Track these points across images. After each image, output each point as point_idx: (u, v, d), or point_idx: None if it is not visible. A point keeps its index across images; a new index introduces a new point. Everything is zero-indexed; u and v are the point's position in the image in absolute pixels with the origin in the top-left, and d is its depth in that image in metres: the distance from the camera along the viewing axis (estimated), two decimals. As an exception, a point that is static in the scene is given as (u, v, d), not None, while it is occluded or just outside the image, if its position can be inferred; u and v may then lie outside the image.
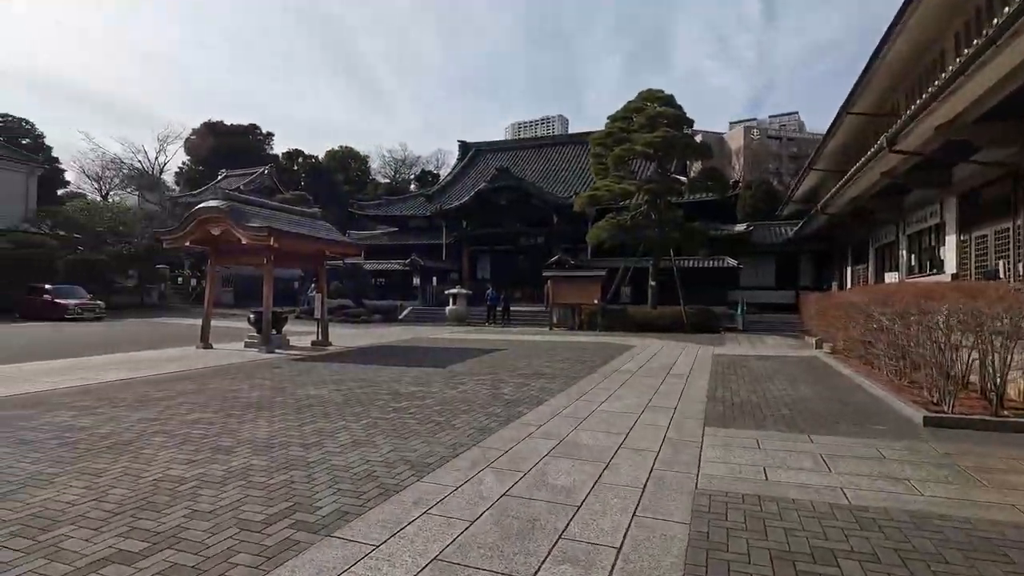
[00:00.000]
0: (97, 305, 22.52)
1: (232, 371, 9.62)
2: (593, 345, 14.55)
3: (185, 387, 7.95)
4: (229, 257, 13.50)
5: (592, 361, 11.13)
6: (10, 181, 30.48)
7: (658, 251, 21.85)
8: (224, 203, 12.23)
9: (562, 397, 7.25)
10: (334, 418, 6.01)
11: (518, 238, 31.37)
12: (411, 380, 8.60)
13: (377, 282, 32.11)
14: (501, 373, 9.43)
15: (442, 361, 11.07)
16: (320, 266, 14.55)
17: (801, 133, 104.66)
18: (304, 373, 9.39)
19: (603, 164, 21.60)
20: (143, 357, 11.29)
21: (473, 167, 40.95)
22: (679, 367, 10.25)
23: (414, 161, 74.94)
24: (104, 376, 8.82)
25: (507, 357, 11.81)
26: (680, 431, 5.47)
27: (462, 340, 16.13)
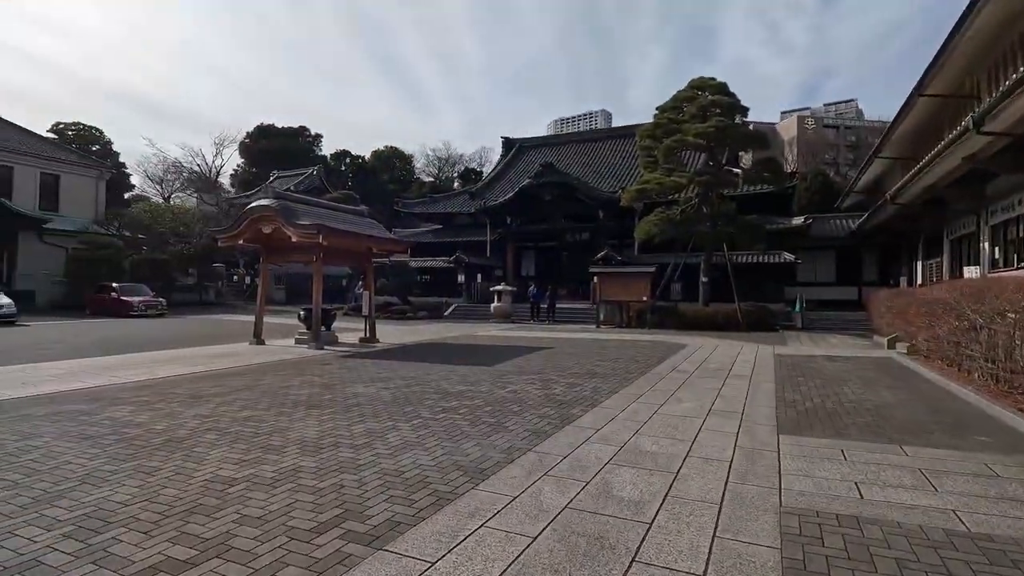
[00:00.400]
0: (159, 302, 23.55)
1: (283, 368, 9.70)
2: (644, 344, 14.04)
3: (238, 383, 8.02)
4: (280, 255, 13.72)
5: (645, 360, 10.68)
6: (82, 185, 32.34)
7: (710, 246, 21.01)
8: (275, 202, 12.41)
9: (617, 398, 6.88)
10: (383, 418, 5.86)
11: (563, 234, 30.94)
12: (459, 379, 8.42)
13: (422, 279, 32.37)
14: (550, 372, 9.13)
15: (489, 359, 10.86)
16: (367, 263, 14.63)
17: (860, 121, 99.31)
18: (352, 370, 9.36)
19: (652, 157, 20.93)
20: (199, 353, 11.58)
21: (517, 163, 40.72)
22: (739, 368, 9.67)
23: (457, 159, 75.39)
24: (162, 372, 9.04)
25: (555, 355, 11.50)
26: (752, 438, 5.03)
27: (508, 338, 15.91)
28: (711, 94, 20.01)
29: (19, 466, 4.18)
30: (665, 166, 20.05)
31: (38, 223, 27.64)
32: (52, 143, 33.34)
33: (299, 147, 56.64)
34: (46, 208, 30.19)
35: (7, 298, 18.32)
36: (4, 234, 27.01)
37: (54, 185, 31.36)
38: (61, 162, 31.72)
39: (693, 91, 20.51)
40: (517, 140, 42.91)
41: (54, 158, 31.45)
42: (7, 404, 6.43)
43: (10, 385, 7.58)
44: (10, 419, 5.69)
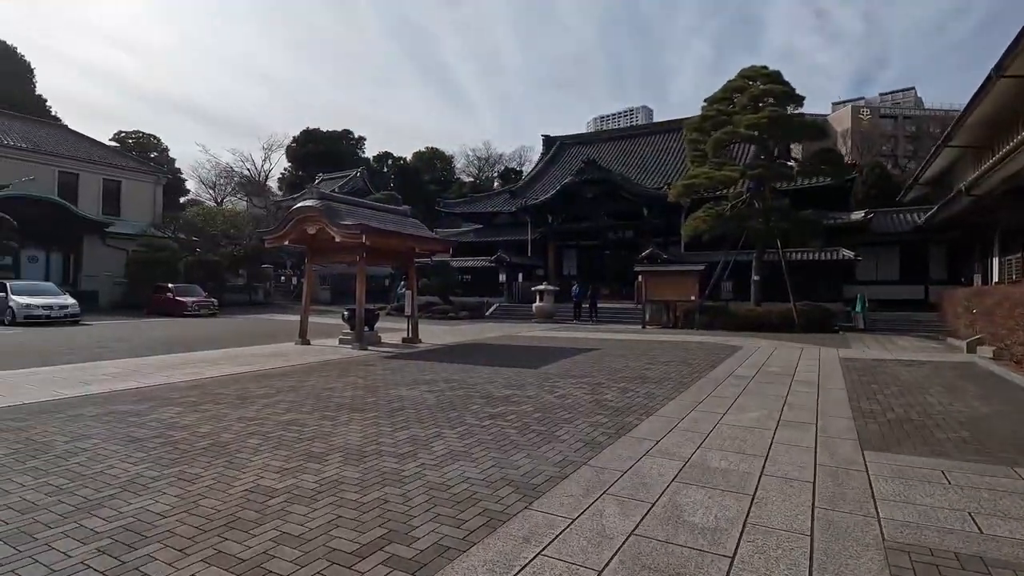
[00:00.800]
0: (212, 302, 24.32)
1: (327, 368, 9.65)
2: (695, 346, 13.42)
3: (283, 384, 7.97)
4: (325, 256, 13.79)
5: (698, 364, 10.12)
6: (141, 190, 33.87)
7: (762, 243, 20.04)
8: (319, 203, 12.45)
9: (674, 406, 6.43)
10: (427, 423, 5.62)
11: (605, 232, 30.31)
12: (504, 382, 8.12)
13: (463, 279, 32.33)
14: (599, 376, 8.72)
15: (534, 361, 10.53)
16: (410, 263, 14.55)
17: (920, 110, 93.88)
18: (396, 372, 9.21)
19: (699, 151, 20.12)
20: (247, 353, 11.71)
21: (557, 161, 40.26)
22: (803, 372, 9.01)
23: (497, 159, 75.47)
24: (211, 372, 9.12)
25: (602, 357, 11.06)
26: (833, 455, 4.51)
27: (551, 338, 15.55)
28: (763, 83, 19.07)
29: (65, 470, 4.13)
30: (714, 160, 19.21)
31: (101, 227, 29.05)
32: (113, 150, 35.08)
33: (343, 150, 57.82)
34: (108, 212, 31.76)
35: (72, 299, 19.23)
36: (70, 237, 28.50)
37: (116, 190, 32.94)
38: (122, 168, 33.29)
39: (744, 80, 19.60)
40: (557, 138, 42.43)
41: (115, 165, 33.04)
42: (64, 404, 6.52)
43: (71, 384, 7.76)
44: (65, 419, 5.74)
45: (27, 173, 28.06)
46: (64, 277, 28.63)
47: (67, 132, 34.81)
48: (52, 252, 28.53)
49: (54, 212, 26.83)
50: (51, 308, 18.06)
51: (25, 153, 28.93)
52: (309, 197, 12.70)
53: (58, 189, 29.81)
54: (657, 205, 27.39)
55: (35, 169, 28.82)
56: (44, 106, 43.40)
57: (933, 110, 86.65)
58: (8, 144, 28.54)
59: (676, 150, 35.72)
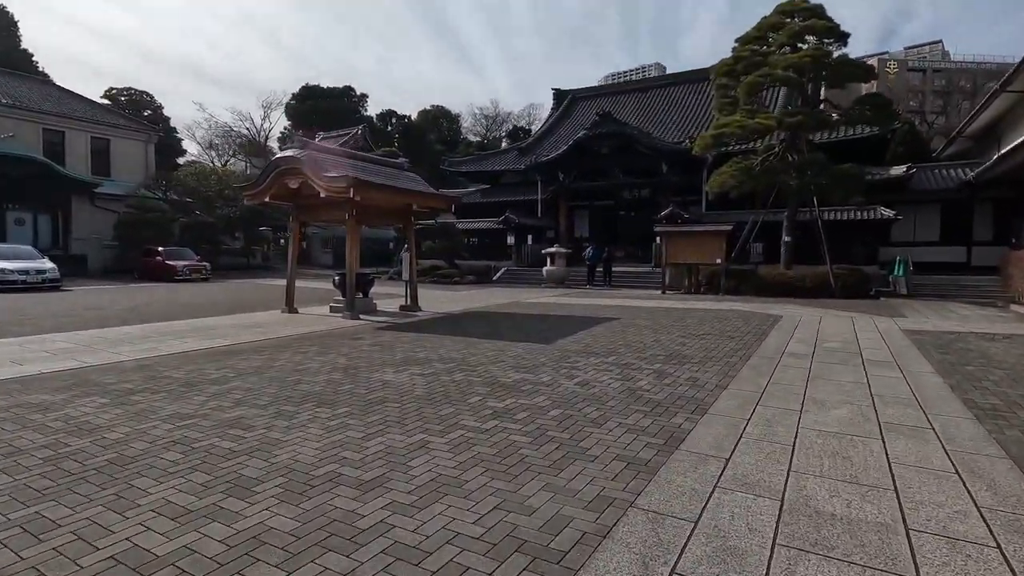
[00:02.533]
0: (204, 267, 23.06)
1: (307, 343, 8.32)
2: (727, 314, 11.95)
3: (247, 364, 6.66)
4: (311, 213, 12.33)
5: (740, 337, 8.68)
6: (132, 149, 32.26)
7: (795, 200, 18.31)
8: (300, 152, 10.90)
9: (730, 399, 5.02)
10: (411, 426, 4.26)
11: (620, 191, 28.52)
12: (513, 362, 6.74)
13: (470, 242, 30.83)
14: (626, 354, 7.32)
15: (548, 334, 9.13)
16: (408, 222, 13.04)
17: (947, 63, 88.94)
18: (386, 348, 7.86)
19: (729, 97, 18.15)
20: (224, 323, 10.42)
21: (569, 116, 38.02)
22: (870, 350, 7.54)
23: (505, 117, 72.86)
24: (171, 347, 7.83)
25: (626, 329, 9.64)
26: (991, 486, 3.10)
27: (565, 305, 14.12)
28: (802, 19, 16.94)
29: None
30: (745, 107, 17.28)
31: (90, 187, 27.63)
32: (101, 107, 33.32)
33: (345, 107, 55.45)
34: (98, 172, 30.26)
35: (51, 263, 18.01)
36: (58, 199, 27.14)
37: (105, 149, 31.35)
38: (111, 126, 31.61)
39: (780, 17, 17.46)
40: (569, 91, 40.03)
41: (104, 122, 31.34)
42: (-37, 392, 5.24)
43: (1, 363, 6.49)
44: (-57, 418, 4.44)
45: (8, 131, 26.56)
46: (53, 240, 27.45)
47: (52, 88, 33.04)
48: (40, 214, 27.26)
49: (39, 172, 25.39)
50: (27, 273, 16.85)
51: (5, 109, 27.32)
52: (291, 147, 11.15)
53: (43, 148, 28.32)
54: (677, 161, 25.49)
55: (17, 126, 27.28)
56: (30, 61, 41.41)
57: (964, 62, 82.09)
58: (-13, 99, 26.92)
59: (695, 103, 33.43)
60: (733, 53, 17.96)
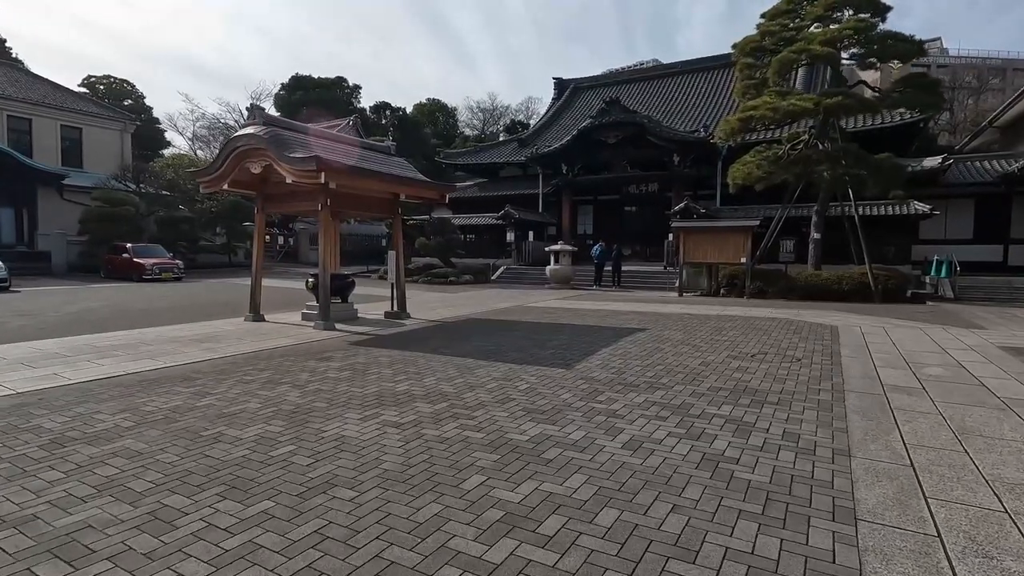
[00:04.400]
0: (175, 265, 21.12)
1: (259, 366, 6.49)
2: (770, 324, 10.17)
3: (163, 404, 4.84)
4: (278, 204, 10.49)
5: (807, 357, 6.90)
6: (105, 139, 30.28)
7: (826, 194, 16.56)
8: (261, 129, 9.04)
9: (873, 485, 3.22)
10: (364, 550, 2.45)
11: (626, 185, 26.71)
12: (525, 401, 4.95)
13: (467, 238, 28.99)
14: (675, 386, 5.53)
15: (566, 353, 7.33)
16: (394, 214, 11.20)
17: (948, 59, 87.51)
18: (357, 375, 6.04)
19: (754, 79, 16.38)
20: (169, 336, 8.58)
21: (571, 107, 36.19)
22: (993, 380, 5.76)
23: (503, 111, 71.07)
24: (81, 371, 6.01)
25: (660, 345, 7.85)
26: None
27: (577, 311, 12.33)
28: (840, -10, 15.13)
29: None
30: (774, 88, 15.49)
31: (57, 178, 25.66)
32: (73, 94, 31.23)
33: (337, 98, 53.38)
34: (69, 163, 28.32)
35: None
36: (22, 191, 25.16)
37: (76, 139, 29.41)
38: (83, 114, 29.61)
39: (814, -12, 15.65)
40: (571, 81, 38.17)
41: (75, 109, 29.34)
42: None
43: None
44: None
45: (-33, 116, 24.59)
46: (17, 236, 25.48)
47: (18, 72, 30.98)
48: (2, 207, 25.26)
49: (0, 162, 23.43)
50: (-33, 272, 14.96)
51: (-36, 94, 25.31)
52: (252, 123, 9.29)
53: (7, 136, 26.34)
54: (689, 152, 23.73)
55: (-22, 112, 25.31)
56: (4, 47, 39.29)
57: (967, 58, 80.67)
58: (-57, 83, 24.89)
59: (706, 92, 31.65)
60: (759, 29, 16.15)
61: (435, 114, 66.70)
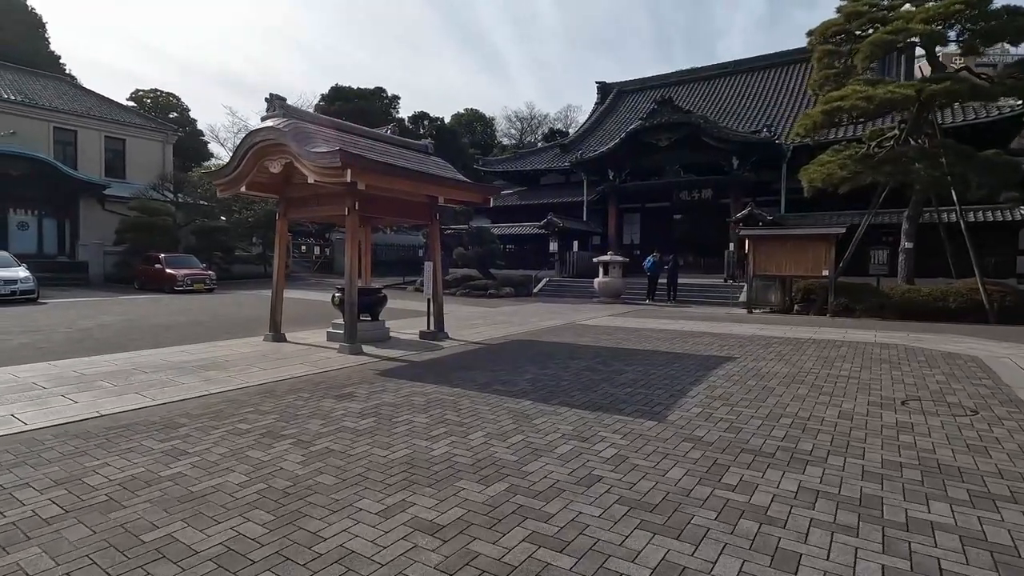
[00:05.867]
0: (208, 276, 20.46)
1: (264, 406, 5.17)
2: (889, 353, 8.31)
3: (122, 469, 3.53)
4: (303, 208, 9.28)
5: (989, 410, 5.11)
6: (147, 150, 30.35)
7: (920, 197, 14.46)
8: (282, 122, 7.85)
9: None
10: None
11: (678, 191, 24.84)
12: (622, 485, 3.41)
13: (506, 248, 27.66)
14: (826, 455, 3.89)
15: (648, 391, 5.76)
16: (431, 219, 9.85)
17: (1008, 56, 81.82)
18: (382, 423, 4.62)
19: (836, 67, 14.48)
20: (173, 359, 7.41)
21: (614, 111, 34.62)
22: None
23: (541, 120, 70.08)
24: (53, 409, 4.82)
25: (764, 382, 6.18)
26: None
27: (638, 331, 10.69)
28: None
29: None
30: (860, 77, 13.56)
31: (99, 189, 25.59)
32: (117, 105, 31.55)
33: (375, 108, 53.30)
34: (112, 174, 28.42)
35: (25, 272, 15.58)
36: (65, 201, 25.22)
37: (119, 150, 29.55)
38: (125, 125, 29.77)
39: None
40: (614, 84, 36.63)
41: (118, 121, 29.51)
42: None
43: None
44: None
45: (16, 128, 24.79)
46: (59, 246, 25.52)
47: (67, 85, 31.53)
48: (46, 218, 25.36)
49: (42, 172, 23.43)
50: (-6, 283, 14.43)
51: (14, 106, 25.58)
52: (271, 115, 8.12)
53: (52, 147, 26.53)
54: (750, 155, 21.78)
55: (27, 124, 25.55)
56: (58, 64, 40.46)
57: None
58: (-6, 96, 25.22)
59: (763, 91, 29.59)
60: (841, 11, 14.26)
61: (473, 124, 66.25)
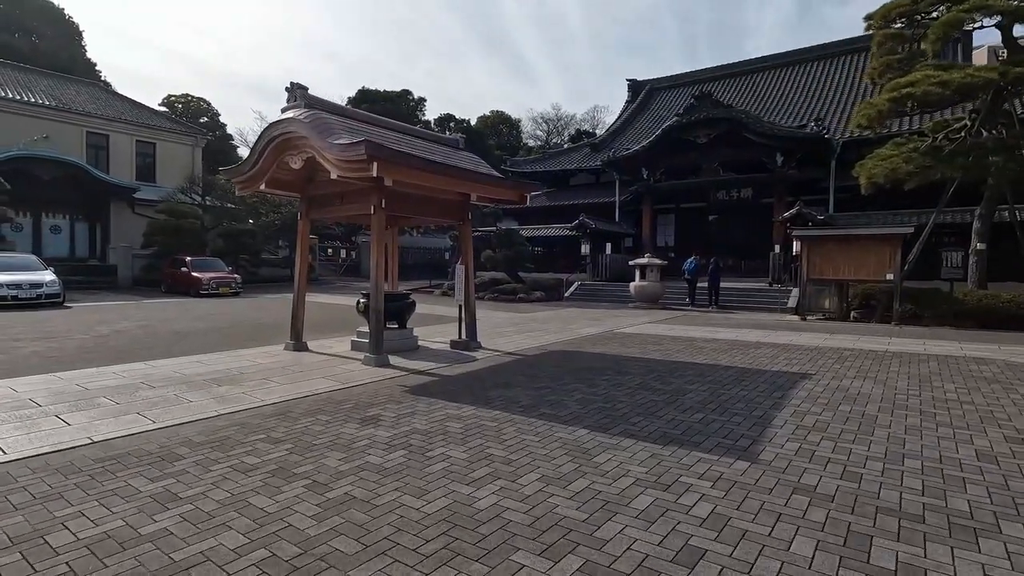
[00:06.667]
0: (233, 280, 20.14)
1: (277, 432, 4.46)
2: (984, 368, 7.23)
3: (97, 522, 2.82)
4: (326, 208, 8.62)
5: None
6: (177, 153, 30.48)
7: (995, 194, 13.18)
8: (302, 113, 7.19)
9: None
10: None
11: (715, 191, 23.68)
12: (724, 553, 2.56)
13: (534, 251, 26.85)
14: (979, 510, 2.97)
15: (723, 417, 4.88)
16: (463, 220, 9.10)
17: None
18: (412, 461, 3.86)
19: (899, 53, 13.30)
20: (185, 371, 6.80)
21: (646, 109, 33.53)
22: None
23: (568, 121, 69.08)
24: (42, 433, 4.21)
25: (858, 406, 5.23)
26: None
27: (689, 341, 9.75)
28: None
29: None
30: (930, 62, 12.37)
31: (128, 192, 25.71)
32: (147, 110, 31.80)
33: (402, 111, 53.15)
34: (143, 178, 28.58)
35: (51, 275, 15.38)
36: (96, 205, 25.38)
37: (150, 154, 29.73)
38: (156, 129, 29.95)
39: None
40: (646, 81, 35.54)
41: (149, 125, 29.70)
42: None
43: None
44: None
45: (51, 133, 25.04)
46: (91, 249, 25.69)
47: (100, 91, 31.89)
48: (77, 221, 25.56)
49: (74, 175, 23.56)
50: (19, 287, 14.21)
51: (48, 111, 25.86)
52: (291, 106, 7.47)
53: (85, 151, 26.75)
54: (795, 151, 20.53)
55: (61, 128, 25.79)
56: (94, 71, 41.25)
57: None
58: (29, 101, 25.52)
59: (806, 85, 28.19)
60: (904, -8, 13.07)
61: (499, 126, 65.77)
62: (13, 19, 37.60)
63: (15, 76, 27.47)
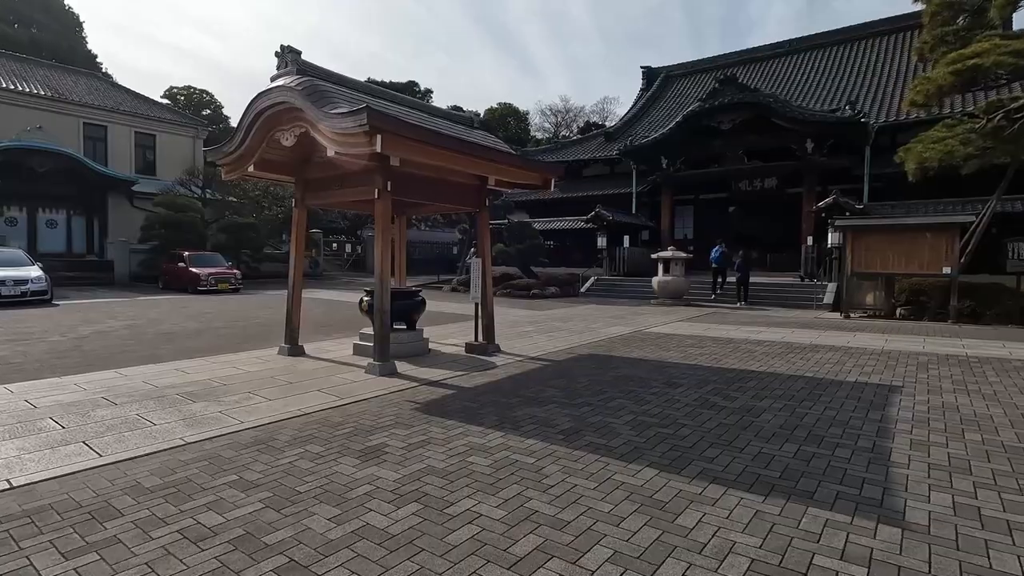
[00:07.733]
0: (233, 275, 19.20)
1: (253, 472, 3.44)
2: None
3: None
4: (324, 193, 7.57)
5: None
6: (177, 145, 29.59)
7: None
8: (294, 80, 6.15)
9: None
10: None
11: (738, 181, 22.46)
12: None
13: (547, 244, 25.76)
14: None
15: (824, 451, 3.83)
16: (480, 207, 8.04)
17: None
18: (431, 518, 2.82)
19: (953, 25, 12.08)
20: (158, 382, 5.82)
21: (662, 98, 32.28)
22: None
23: (576, 113, 67.75)
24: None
25: (984, 431, 4.17)
26: None
27: (732, 343, 8.67)
28: None
29: None
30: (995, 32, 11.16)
31: (127, 184, 24.81)
32: (147, 100, 30.86)
33: (408, 103, 52.18)
34: (142, 170, 27.69)
35: (38, 271, 14.48)
36: (93, 198, 24.49)
37: (150, 145, 28.87)
38: (155, 120, 29.05)
39: None
40: (661, 69, 34.25)
41: (148, 116, 28.80)
42: None
43: None
44: None
45: (47, 123, 24.14)
46: (88, 244, 24.84)
47: (99, 81, 30.99)
48: (74, 215, 24.69)
49: (68, 167, 22.67)
50: (2, 284, 13.30)
51: (43, 101, 25.02)
52: (282, 73, 6.43)
53: (83, 142, 25.90)
54: (827, 138, 19.28)
55: (56, 119, 24.93)
56: (94, 63, 40.40)
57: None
58: (24, 91, 24.66)
59: (832, 70, 26.86)
60: (962, -44, 11.84)
61: (507, 119, 64.60)
62: (12, 9, 36.80)
63: (10, 65, 26.62)
